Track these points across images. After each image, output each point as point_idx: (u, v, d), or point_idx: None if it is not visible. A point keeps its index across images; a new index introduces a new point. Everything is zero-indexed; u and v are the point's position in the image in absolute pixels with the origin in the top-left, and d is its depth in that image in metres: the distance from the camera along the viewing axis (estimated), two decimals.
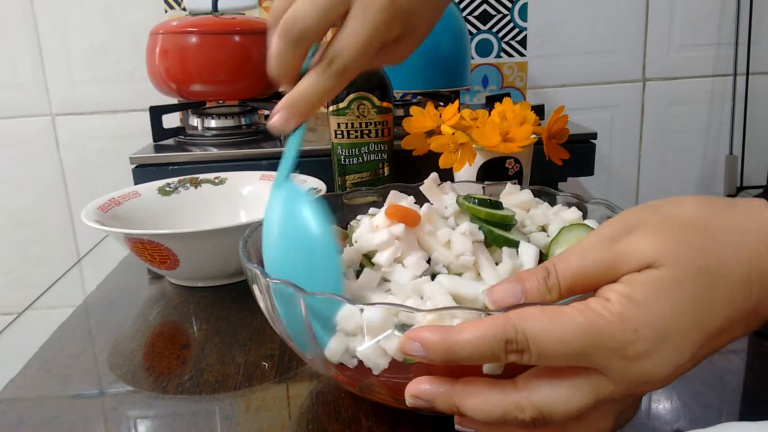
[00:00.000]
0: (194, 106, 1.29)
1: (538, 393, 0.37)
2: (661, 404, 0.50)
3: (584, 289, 0.38)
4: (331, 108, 0.87)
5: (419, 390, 0.39)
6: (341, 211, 0.66)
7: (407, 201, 0.56)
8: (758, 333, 0.40)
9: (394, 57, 0.52)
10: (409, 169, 0.85)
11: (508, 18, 1.63)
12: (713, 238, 0.36)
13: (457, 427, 0.41)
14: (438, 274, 0.48)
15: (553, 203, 0.62)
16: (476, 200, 0.53)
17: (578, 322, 0.35)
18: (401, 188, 0.61)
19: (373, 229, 0.52)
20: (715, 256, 0.36)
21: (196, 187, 0.93)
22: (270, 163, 1.09)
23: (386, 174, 0.89)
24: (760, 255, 0.36)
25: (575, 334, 0.35)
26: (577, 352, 0.35)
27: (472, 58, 1.65)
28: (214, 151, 1.13)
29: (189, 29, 1.20)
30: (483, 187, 0.68)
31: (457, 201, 0.55)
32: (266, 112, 1.38)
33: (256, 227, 0.55)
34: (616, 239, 0.37)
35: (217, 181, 0.94)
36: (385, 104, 0.86)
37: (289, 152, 0.50)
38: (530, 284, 0.38)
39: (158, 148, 1.17)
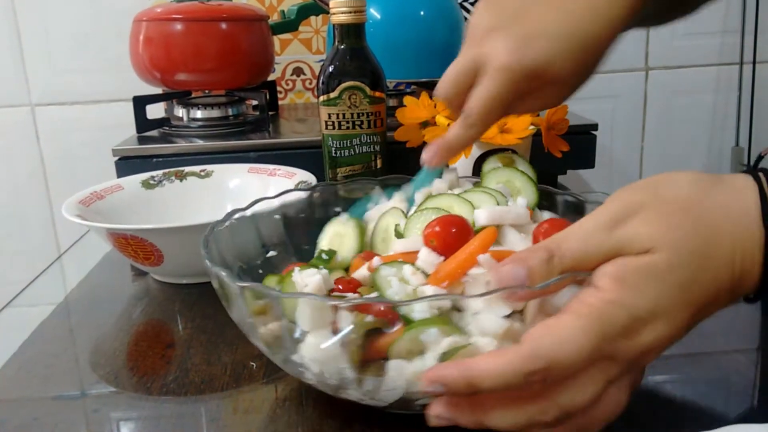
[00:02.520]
0: (179, 96, 1.29)
1: (560, 396, 0.40)
2: (666, 406, 0.50)
3: (584, 271, 0.41)
4: (321, 98, 0.87)
5: (439, 413, 0.42)
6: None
7: None
8: (746, 298, 0.42)
9: (542, 104, 0.59)
10: (402, 161, 0.84)
11: None
12: (705, 222, 0.40)
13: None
14: None
15: (550, 200, 0.63)
16: None
17: (581, 324, 0.38)
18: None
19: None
20: (705, 240, 0.40)
21: (181, 180, 0.93)
22: (258, 155, 1.08)
23: (379, 166, 0.89)
24: (743, 236, 0.40)
25: (583, 337, 0.38)
26: (590, 354, 0.38)
27: None
28: (200, 142, 1.13)
29: (174, 16, 1.19)
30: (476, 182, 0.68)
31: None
32: (254, 102, 1.37)
33: (215, 226, 0.57)
34: (617, 224, 0.40)
35: (203, 173, 0.94)
36: (377, 94, 0.87)
37: (418, 180, 0.61)
38: (533, 265, 0.41)
39: (142, 140, 1.17)
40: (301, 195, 0.66)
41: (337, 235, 0.59)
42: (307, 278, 0.49)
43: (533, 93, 0.55)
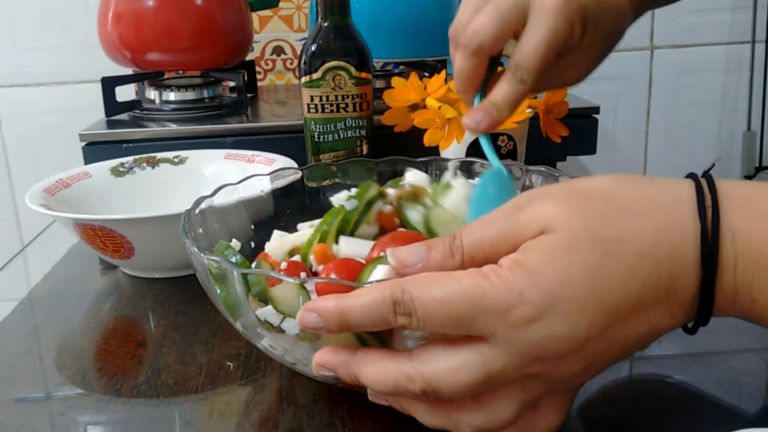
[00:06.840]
0: (151, 77, 1.28)
1: (427, 365, 0.40)
2: (675, 407, 0.50)
3: (486, 257, 0.41)
4: (303, 79, 0.87)
5: (323, 359, 0.44)
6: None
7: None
8: (686, 328, 0.41)
9: (574, 70, 0.62)
10: (390, 146, 0.84)
11: None
12: (615, 207, 0.39)
13: (369, 398, 0.45)
14: None
15: (528, 178, 0.64)
16: None
17: (464, 284, 0.38)
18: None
19: None
20: (614, 224, 0.38)
21: (153, 167, 0.92)
22: (235, 140, 1.08)
23: (365, 152, 0.89)
24: (669, 228, 0.38)
25: (459, 296, 0.38)
26: (461, 313, 0.38)
27: None
28: (174, 127, 1.13)
29: None
30: (469, 164, 0.68)
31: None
32: (231, 84, 1.37)
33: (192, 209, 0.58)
34: (518, 209, 0.41)
35: (176, 160, 0.93)
36: (363, 75, 0.86)
37: (488, 148, 0.56)
38: (435, 249, 0.42)
39: (111, 124, 1.16)
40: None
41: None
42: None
43: (563, 60, 0.57)
